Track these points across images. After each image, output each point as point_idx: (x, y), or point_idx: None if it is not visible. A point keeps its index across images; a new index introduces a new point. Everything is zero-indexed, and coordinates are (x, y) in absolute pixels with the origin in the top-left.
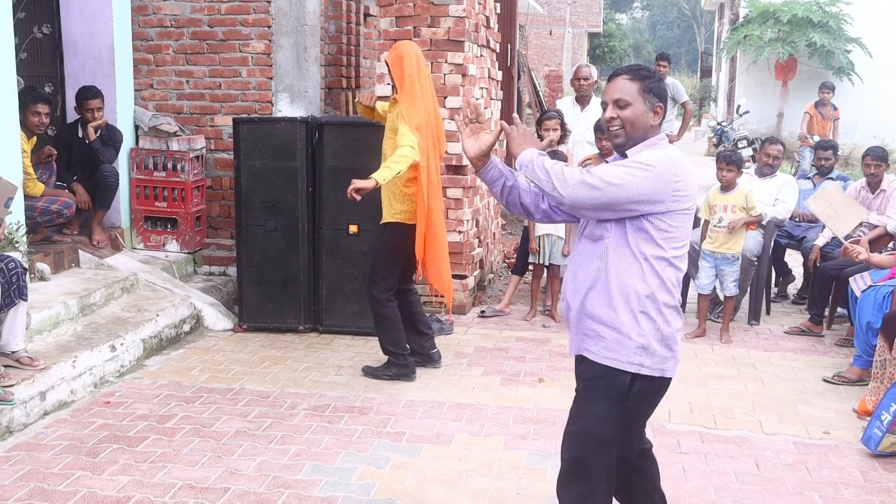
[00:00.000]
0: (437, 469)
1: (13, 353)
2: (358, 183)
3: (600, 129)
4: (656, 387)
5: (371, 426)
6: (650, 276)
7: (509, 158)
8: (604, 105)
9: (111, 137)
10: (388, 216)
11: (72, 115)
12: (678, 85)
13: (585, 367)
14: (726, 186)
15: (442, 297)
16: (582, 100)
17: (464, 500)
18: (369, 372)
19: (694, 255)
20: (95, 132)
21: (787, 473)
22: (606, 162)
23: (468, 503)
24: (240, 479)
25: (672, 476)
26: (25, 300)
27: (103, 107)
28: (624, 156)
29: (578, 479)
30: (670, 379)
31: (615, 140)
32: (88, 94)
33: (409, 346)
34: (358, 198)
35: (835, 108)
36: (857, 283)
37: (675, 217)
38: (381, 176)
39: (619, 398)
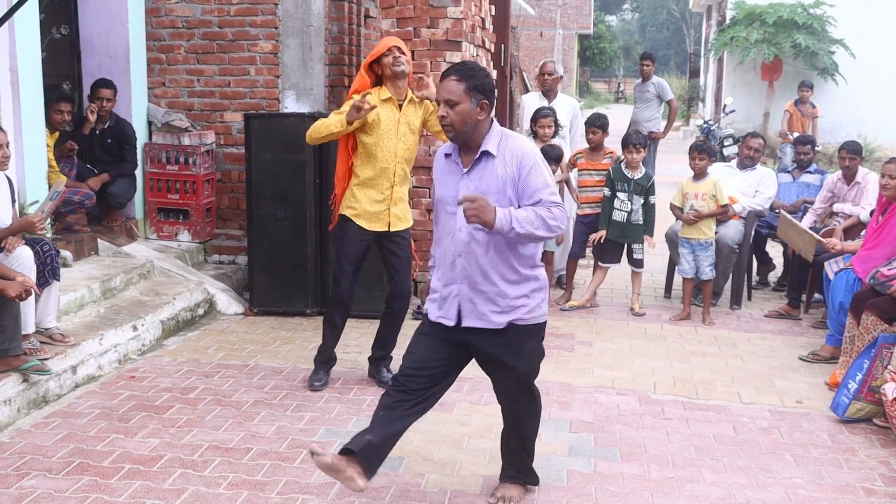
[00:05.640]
0: (441, 432)
1: (46, 329)
2: None
3: (591, 123)
4: None
5: (379, 396)
6: None
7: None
8: (437, 103)
9: (121, 132)
10: (411, 217)
11: None
12: (664, 83)
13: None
14: (698, 175)
15: None
16: (548, 94)
17: (466, 457)
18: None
19: (677, 242)
20: (96, 123)
21: (762, 436)
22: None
23: (470, 459)
24: (261, 441)
25: (656, 438)
26: (58, 280)
27: (113, 99)
28: (463, 149)
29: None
30: None
31: (448, 135)
32: (100, 84)
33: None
34: None
35: (813, 106)
36: (831, 267)
37: None
38: None
39: None
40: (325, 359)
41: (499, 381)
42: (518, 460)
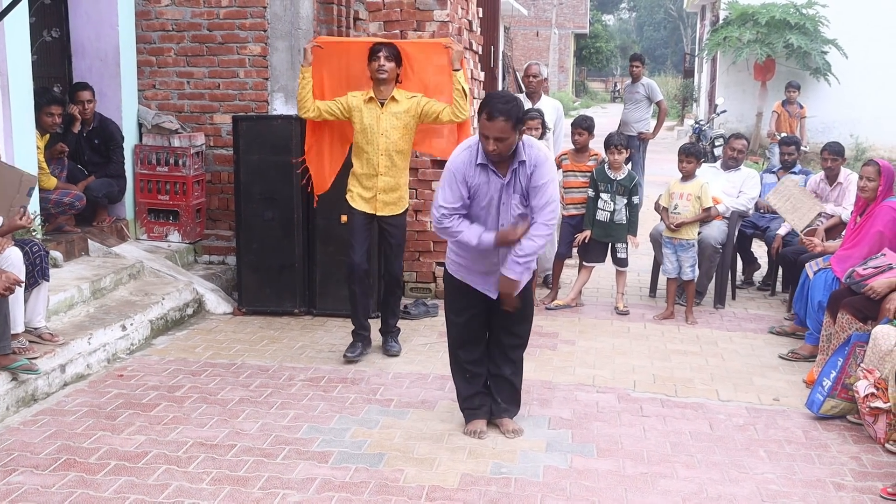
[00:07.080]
0: (422, 429)
1: (35, 329)
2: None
3: (577, 125)
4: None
5: (362, 394)
6: None
7: None
8: (485, 137)
9: (105, 131)
10: (405, 205)
11: None
12: (653, 85)
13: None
14: (686, 176)
15: (427, 283)
16: (532, 96)
17: (445, 453)
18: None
19: (661, 242)
20: (82, 125)
21: (737, 433)
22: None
23: (449, 456)
24: (245, 438)
25: (633, 435)
26: (47, 280)
27: (93, 100)
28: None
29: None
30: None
31: (494, 158)
32: (77, 87)
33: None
34: None
35: (801, 107)
36: (811, 267)
37: None
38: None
39: None
40: (356, 328)
41: (512, 321)
42: (514, 393)
